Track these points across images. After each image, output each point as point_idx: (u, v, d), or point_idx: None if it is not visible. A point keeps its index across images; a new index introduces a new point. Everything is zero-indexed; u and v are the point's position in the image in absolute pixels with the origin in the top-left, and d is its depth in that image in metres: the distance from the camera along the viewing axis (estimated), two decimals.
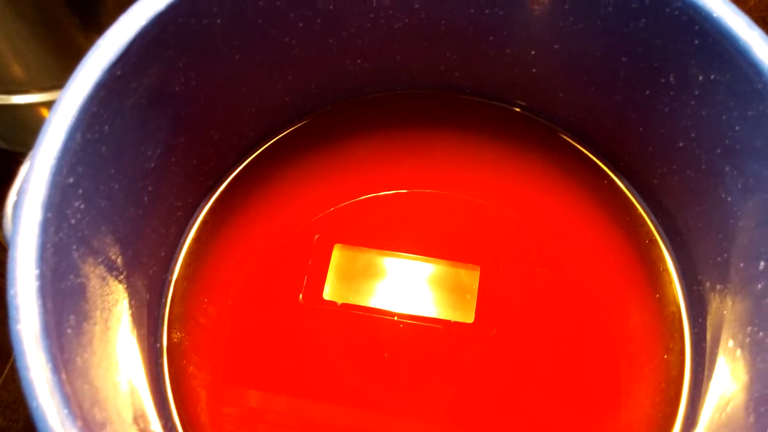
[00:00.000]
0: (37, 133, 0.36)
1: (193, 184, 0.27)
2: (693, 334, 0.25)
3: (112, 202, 0.21)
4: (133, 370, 0.22)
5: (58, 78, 0.33)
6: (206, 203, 0.29)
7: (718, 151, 0.22)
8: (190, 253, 0.28)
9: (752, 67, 0.19)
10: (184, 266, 0.28)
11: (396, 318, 0.27)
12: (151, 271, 0.25)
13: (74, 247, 0.19)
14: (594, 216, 0.29)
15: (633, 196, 0.28)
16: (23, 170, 0.21)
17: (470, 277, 0.28)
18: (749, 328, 0.20)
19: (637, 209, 0.28)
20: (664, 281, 0.27)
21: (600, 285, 0.28)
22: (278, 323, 0.27)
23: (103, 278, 0.21)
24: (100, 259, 0.21)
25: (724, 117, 0.21)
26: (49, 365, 0.15)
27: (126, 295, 0.22)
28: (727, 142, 0.21)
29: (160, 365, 0.25)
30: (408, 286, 0.28)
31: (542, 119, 0.29)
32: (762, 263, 0.20)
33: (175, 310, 0.27)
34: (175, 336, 0.27)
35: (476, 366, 0.26)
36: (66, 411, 0.15)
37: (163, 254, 0.26)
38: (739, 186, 0.21)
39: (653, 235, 0.27)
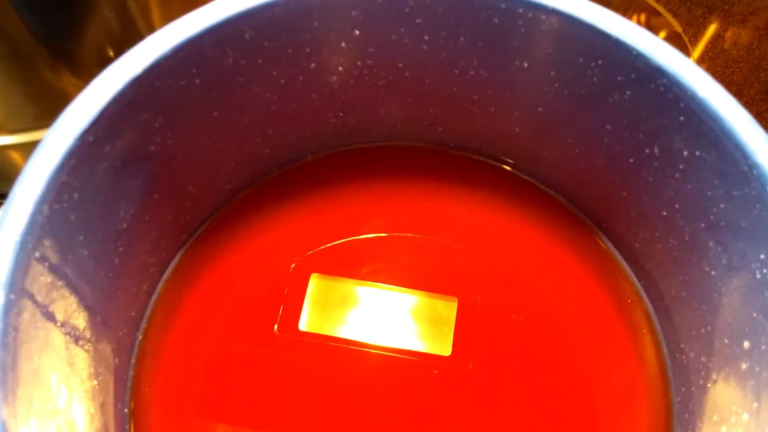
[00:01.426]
0: (8, 176, 0.35)
1: (167, 240, 0.26)
2: (676, 402, 0.25)
3: (80, 270, 0.20)
4: None
5: (31, 119, 0.32)
6: (180, 255, 0.28)
7: (702, 225, 0.21)
8: (161, 307, 0.27)
9: (738, 149, 0.19)
10: (156, 322, 0.27)
11: (372, 350, 0.27)
12: (120, 333, 0.24)
13: (38, 324, 0.18)
14: (575, 270, 0.29)
15: (616, 256, 0.28)
16: None
17: (448, 309, 0.28)
18: (733, 407, 0.20)
19: (620, 269, 0.28)
20: (645, 342, 0.27)
21: (579, 337, 0.28)
22: (251, 360, 0.27)
23: (69, 350, 0.20)
24: (66, 331, 0.20)
25: (708, 193, 0.20)
26: None
27: (93, 364, 0.21)
28: (711, 218, 0.21)
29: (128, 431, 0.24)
30: (385, 317, 0.28)
31: (526, 176, 0.29)
32: (747, 343, 0.20)
33: (145, 368, 0.26)
34: (144, 396, 0.26)
35: (452, 400, 0.26)
36: None
37: (133, 314, 0.25)
38: (723, 262, 0.21)
39: (636, 296, 0.27)
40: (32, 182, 0.18)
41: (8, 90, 0.31)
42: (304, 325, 0.27)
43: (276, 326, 0.27)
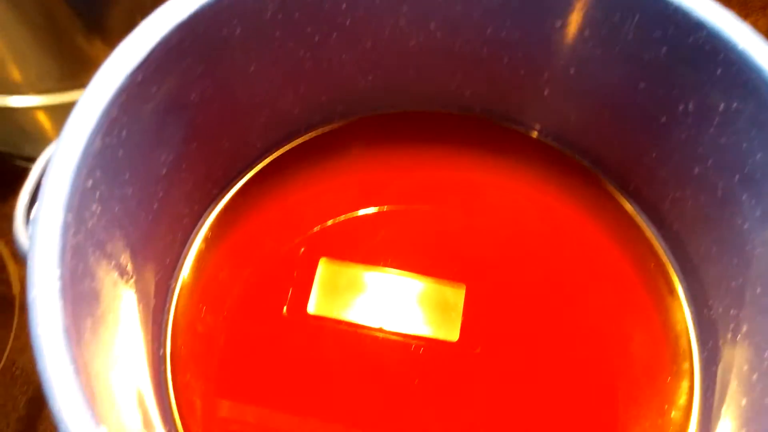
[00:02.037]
0: (33, 137, 0.35)
1: (200, 192, 0.27)
2: (702, 359, 0.25)
3: (125, 206, 0.21)
4: (140, 377, 0.21)
5: (57, 81, 0.33)
6: (210, 212, 0.28)
7: (737, 178, 0.22)
8: (192, 262, 0.27)
9: None
10: (187, 275, 0.27)
11: (379, 334, 0.27)
12: (157, 278, 0.24)
13: (90, 250, 0.18)
14: (596, 238, 0.29)
15: (642, 219, 0.28)
16: (34, 173, 0.20)
17: (455, 296, 0.28)
18: (766, 353, 0.20)
19: (644, 233, 0.28)
20: (669, 305, 0.27)
21: (597, 306, 0.28)
22: (264, 336, 0.27)
23: (115, 283, 0.20)
24: (112, 264, 0.20)
25: (744, 145, 0.21)
26: (71, 368, 0.15)
27: (135, 299, 0.22)
28: (746, 170, 0.21)
29: (163, 373, 0.24)
30: (393, 302, 0.28)
31: (551, 141, 0.30)
32: None
33: (177, 318, 0.26)
34: (176, 344, 0.26)
35: (460, 384, 0.26)
36: (89, 414, 0.14)
37: (168, 261, 0.25)
38: (758, 214, 0.21)
39: (660, 260, 0.27)
40: (86, 115, 0.18)
41: (41, 54, 0.31)
42: (312, 308, 0.27)
43: (285, 308, 0.27)
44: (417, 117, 0.31)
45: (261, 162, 0.29)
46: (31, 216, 0.20)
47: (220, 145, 0.26)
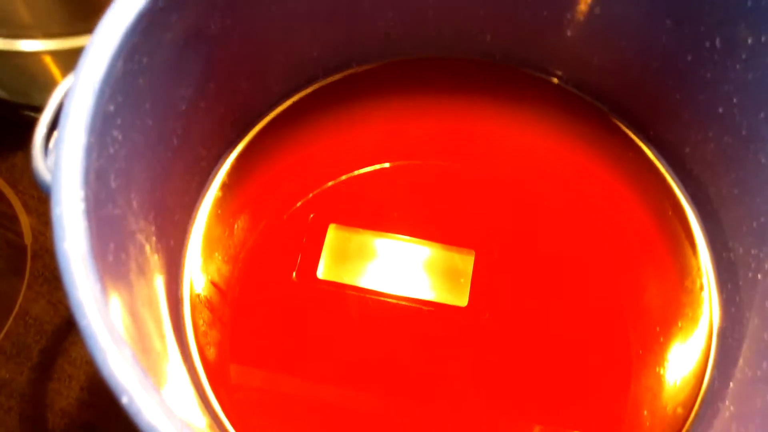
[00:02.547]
0: (41, 85, 0.35)
1: (218, 134, 0.26)
2: (721, 300, 0.25)
3: (145, 138, 0.20)
4: (161, 314, 0.21)
5: (67, 24, 0.32)
6: (227, 157, 0.28)
7: (762, 115, 0.22)
8: (209, 208, 0.27)
9: None
10: (204, 221, 0.27)
11: (389, 300, 0.27)
12: (176, 217, 0.24)
13: (112, 177, 0.18)
14: (614, 186, 0.29)
15: (661, 165, 0.28)
16: (52, 104, 0.20)
17: (464, 262, 0.28)
18: None
19: (663, 179, 0.28)
20: (686, 251, 0.27)
21: (613, 257, 0.28)
22: (274, 301, 0.27)
23: (136, 215, 0.20)
24: (132, 195, 0.20)
25: None
26: (98, 286, 0.15)
27: (154, 235, 0.21)
28: None
29: (181, 314, 0.24)
30: (402, 268, 0.27)
31: (571, 87, 0.29)
32: None
33: (193, 264, 0.26)
34: (192, 290, 0.26)
35: (469, 348, 0.26)
36: (117, 330, 0.14)
37: (187, 201, 0.25)
38: None
39: (679, 205, 0.27)
40: (110, 35, 0.18)
41: None
42: (321, 273, 0.27)
43: (294, 274, 0.27)
44: (436, 64, 0.31)
45: (278, 107, 0.29)
46: (51, 144, 0.20)
47: (238, 86, 0.26)
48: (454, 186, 0.29)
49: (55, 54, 0.33)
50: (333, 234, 0.28)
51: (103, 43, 0.18)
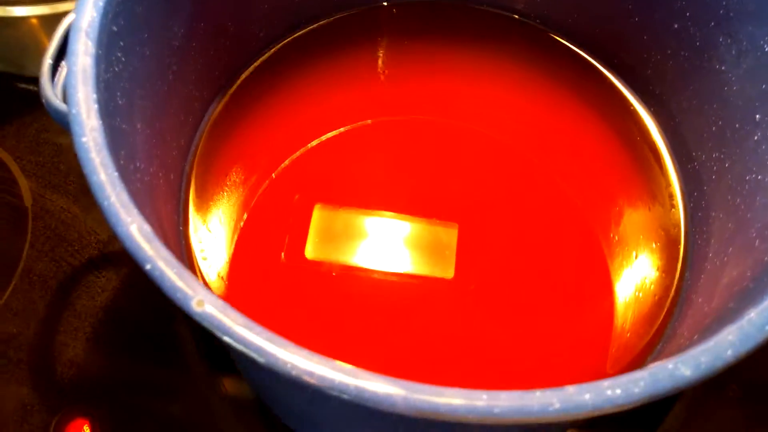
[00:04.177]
0: (33, 54, 0.36)
1: (208, 77, 0.28)
2: (689, 209, 0.27)
3: (144, 66, 0.22)
4: (165, 233, 0.23)
5: None
6: (217, 104, 0.29)
7: (712, 24, 0.23)
8: (199, 156, 0.28)
9: None
10: (195, 169, 0.28)
11: (377, 275, 0.27)
12: (174, 153, 0.25)
13: (118, 94, 0.19)
14: (582, 119, 0.30)
15: (627, 91, 0.30)
16: (59, 32, 0.21)
17: (448, 235, 0.28)
18: (748, 176, 0.22)
19: (629, 104, 0.30)
20: (654, 171, 0.29)
21: (587, 193, 0.29)
22: (264, 282, 0.27)
23: (140, 136, 0.21)
24: (135, 117, 0.21)
25: None
26: (114, 173, 0.16)
27: (155, 165, 0.23)
28: (721, 12, 0.23)
29: (184, 248, 0.26)
30: (388, 244, 0.28)
31: (538, 23, 0.31)
32: (758, 115, 0.22)
33: (189, 209, 0.27)
34: (188, 237, 0.27)
35: (459, 318, 0.26)
36: (135, 209, 0.16)
37: (183, 142, 0.27)
38: (733, 53, 0.23)
39: (644, 126, 0.29)
40: None
41: None
42: (309, 253, 0.27)
43: (283, 254, 0.27)
44: (407, 8, 0.32)
45: (263, 54, 0.30)
46: (57, 77, 0.21)
47: (226, 28, 0.27)
48: (430, 144, 0.30)
49: (44, 20, 0.34)
50: (318, 214, 0.29)
51: None
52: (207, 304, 0.14)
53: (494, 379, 0.25)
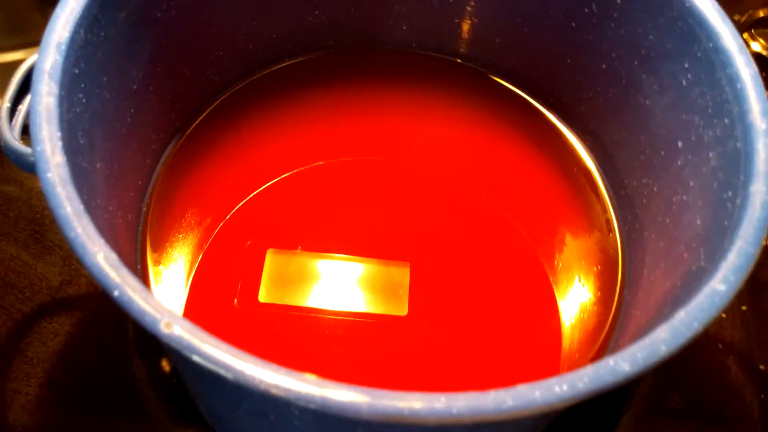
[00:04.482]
0: None
1: (165, 120, 0.29)
2: (624, 232, 0.29)
3: (104, 108, 0.22)
4: None
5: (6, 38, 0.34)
6: (173, 147, 0.30)
7: (636, 63, 0.26)
8: (155, 201, 0.29)
9: None
10: (151, 211, 0.29)
11: (332, 316, 0.28)
12: (131, 194, 0.26)
13: (80, 133, 0.20)
14: (523, 157, 0.32)
15: (563, 127, 0.32)
16: (15, 78, 0.22)
17: (401, 274, 0.29)
18: (674, 198, 0.24)
19: (566, 139, 0.32)
20: (591, 199, 0.31)
21: (531, 228, 0.30)
22: (218, 326, 0.27)
23: (99, 176, 0.22)
24: (96, 157, 0.22)
25: (639, 30, 0.25)
26: (80, 206, 0.17)
27: (113, 204, 0.23)
28: (643, 52, 0.25)
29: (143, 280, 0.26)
30: (341, 285, 0.28)
31: (479, 67, 0.33)
32: (680, 143, 0.24)
33: (146, 248, 0.28)
34: (146, 272, 0.27)
35: (414, 353, 0.27)
36: (100, 240, 0.16)
37: (140, 183, 0.27)
38: (656, 87, 0.25)
39: (581, 159, 0.31)
40: (72, 7, 0.20)
41: None
42: (263, 296, 0.28)
43: (236, 300, 0.28)
44: (358, 55, 0.34)
45: (218, 98, 0.31)
46: (14, 120, 0.22)
47: (183, 73, 0.28)
48: (380, 183, 0.31)
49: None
50: (271, 259, 0.29)
51: (68, 11, 0.20)
52: (175, 326, 0.15)
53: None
